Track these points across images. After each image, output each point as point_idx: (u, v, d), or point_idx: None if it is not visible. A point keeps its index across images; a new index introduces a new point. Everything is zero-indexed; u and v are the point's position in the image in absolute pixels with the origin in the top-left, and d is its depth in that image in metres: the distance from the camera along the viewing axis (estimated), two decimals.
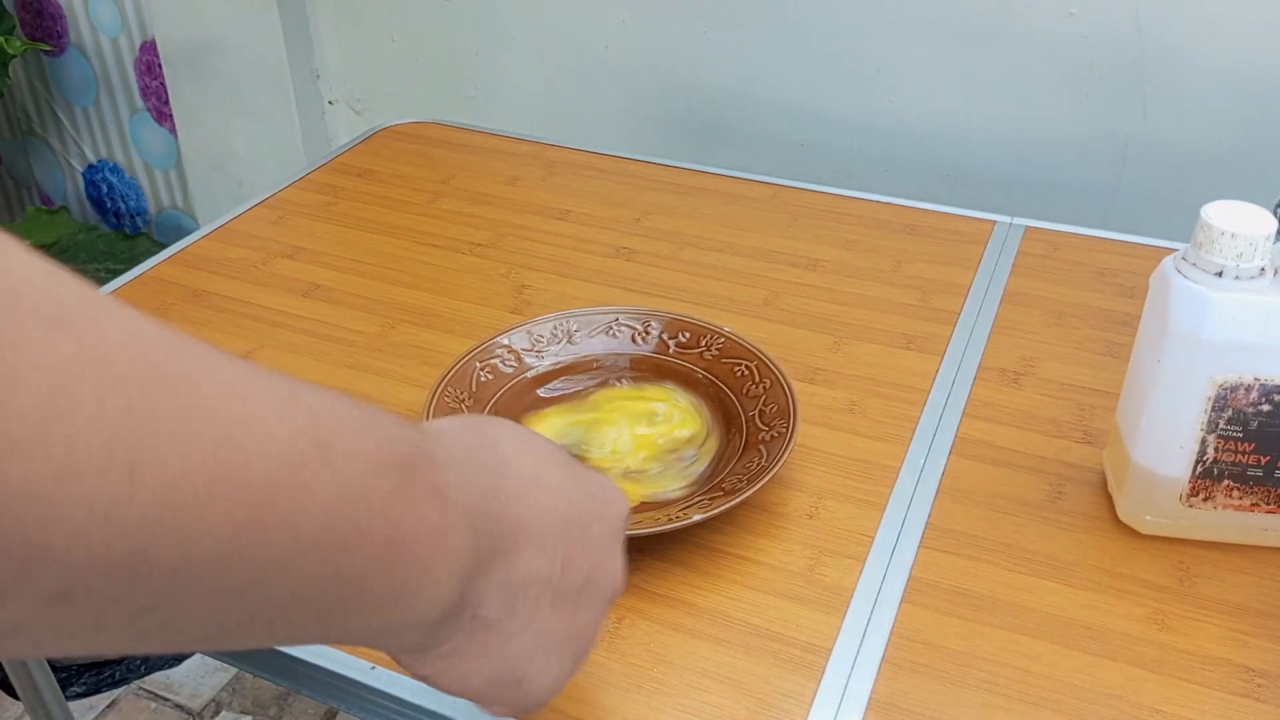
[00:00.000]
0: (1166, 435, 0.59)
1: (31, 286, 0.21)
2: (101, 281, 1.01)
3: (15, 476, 0.20)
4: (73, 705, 1.45)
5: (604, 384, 0.72)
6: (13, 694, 1.36)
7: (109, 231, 1.78)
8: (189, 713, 1.47)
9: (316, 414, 0.29)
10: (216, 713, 1.46)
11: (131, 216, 1.85)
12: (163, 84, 1.61)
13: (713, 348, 0.73)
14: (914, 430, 0.71)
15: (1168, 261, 0.58)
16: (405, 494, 0.31)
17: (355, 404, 0.31)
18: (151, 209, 1.83)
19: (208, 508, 0.24)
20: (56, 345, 0.21)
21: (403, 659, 0.39)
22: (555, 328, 0.74)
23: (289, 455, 0.27)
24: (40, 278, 0.22)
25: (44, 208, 1.86)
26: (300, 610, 0.29)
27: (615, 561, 0.43)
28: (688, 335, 0.74)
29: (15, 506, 0.20)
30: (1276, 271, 0.56)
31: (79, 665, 1.49)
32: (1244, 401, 0.57)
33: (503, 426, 0.41)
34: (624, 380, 0.72)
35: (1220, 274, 0.55)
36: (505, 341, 0.73)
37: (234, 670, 1.51)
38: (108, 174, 1.84)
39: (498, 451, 0.39)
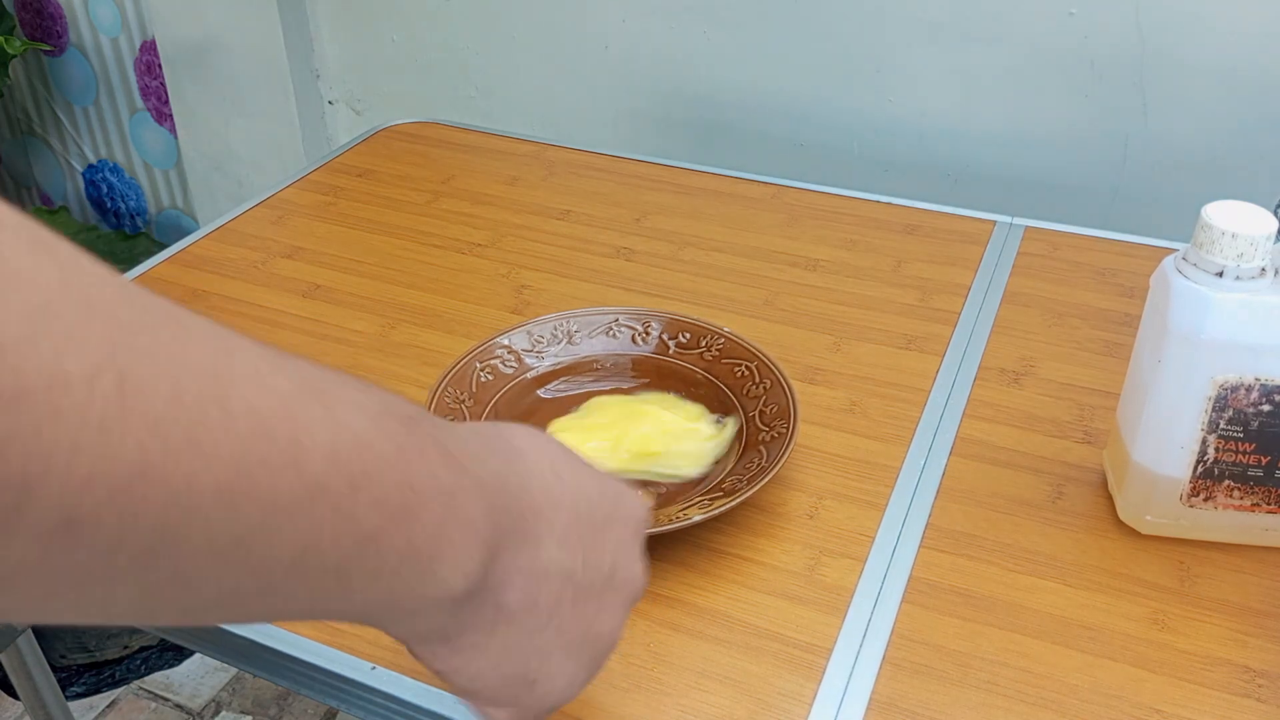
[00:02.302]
0: (1167, 435, 0.59)
1: (18, 219, 0.22)
2: None
3: (8, 381, 0.20)
4: (73, 705, 1.45)
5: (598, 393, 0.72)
6: (13, 694, 1.36)
7: (109, 231, 1.78)
8: (189, 713, 1.47)
9: (305, 370, 0.29)
10: (216, 713, 1.46)
11: (131, 216, 1.85)
12: (163, 84, 1.61)
13: (713, 348, 0.73)
14: (914, 430, 0.71)
15: (1168, 261, 0.58)
16: (411, 446, 0.31)
17: (347, 375, 0.31)
18: (151, 209, 1.83)
19: (203, 435, 0.24)
20: (42, 267, 0.22)
21: (421, 650, 0.38)
22: (555, 328, 0.74)
23: (284, 394, 0.27)
24: (25, 218, 0.23)
25: (44, 208, 1.86)
26: (317, 567, 0.28)
27: (636, 563, 0.42)
28: (688, 335, 0.74)
29: (9, 413, 0.20)
30: (1277, 271, 0.56)
31: (79, 665, 1.49)
32: (1244, 401, 0.57)
33: (517, 426, 0.40)
34: (620, 383, 0.72)
35: (1220, 274, 0.55)
36: (505, 342, 0.73)
37: (234, 670, 1.52)
38: (108, 174, 1.84)
39: (513, 443, 0.38)
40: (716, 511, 0.59)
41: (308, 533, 0.27)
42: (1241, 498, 0.60)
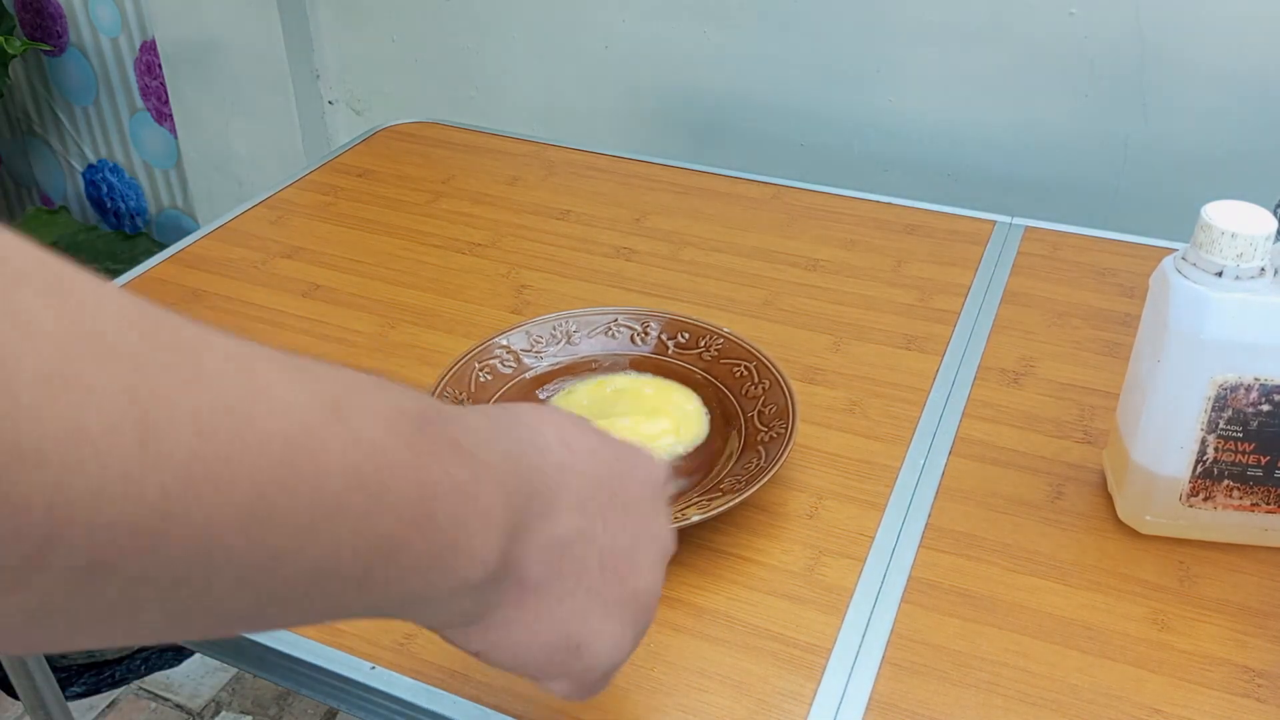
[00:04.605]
0: (1166, 435, 0.59)
1: (28, 260, 0.22)
2: None
3: (28, 442, 0.20)
4: (73, 705, 1.45)
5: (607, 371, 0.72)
6: (13, 694, 1.36)
7: (109, 231, 1.78)
8: (189, 713, 1.47)
9: (321, 378, 0.29)
10: (216, 713, 1.46)
11: (131, 216, 1.85)
12: (163, 84, 1.61)
13: (712, 348, 0.73)
14: (914, 430, 0.71)
15: (1168, 261, 0.58)
16: (426, 448, 0.31)
17: (359, 372, 0.31)
18: (151, 209, 1.83)
19: (224, 469, 0.24)
20: (56, 314, 0.21)
21: (454, 635, 0.38)
22: (554, 328, 0.74)
23: (300, 415, 0.27)
24: (35, 254, 0.22)
25: (44, 208, 1.86)
26: (339, 577, 0.29)
27: (660, 521, 0.43)
28: (687, 336, 0.74)
29: (31, 470, 0.20)
30: (1276, 271, 0.56)
31: (79, 665, 1.49)
32: (1244, 401, 0.57)
33: (524, 404, 0.41)
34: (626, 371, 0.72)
35: (1220, 274, 0.55)
36: (504, 342, 0.72)
37: (234, 670, 1.52)
38: (108, 174, 1.84)
39: (520, 419, 0.38)
40: (716, 512, 0.59)
41: (329, 548, 0.28)
42: (1241, 498, 0.60)
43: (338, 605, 0.30)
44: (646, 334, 0.75)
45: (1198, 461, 0.59)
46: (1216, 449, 0.59)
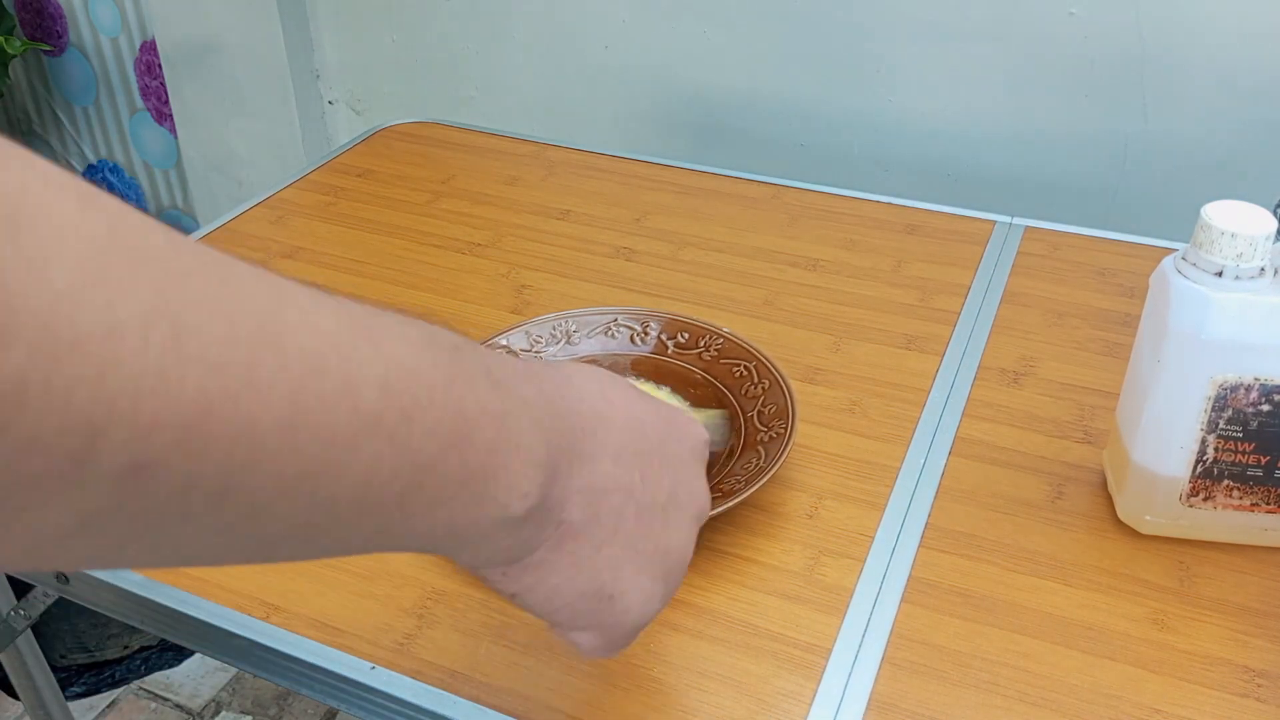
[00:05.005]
0: (1166, 435, 0.59)
1: (64, 176, 0.23)
2: None
3: (66, 333, 0.21)
4: (73, 705, 1.45)
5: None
6: (13, 694, 1.36)
7: None
8: (189, 713, 1.47)
9: (352, 308, 0.30)
10: (216, 713, 1.46)
11: None
12: (163, 84, 1.61)
13: (712, 348, 0.73)
14: (914, 430, 0.71)
15: (1168, 261, 0.58)
16: (460, 374, 0.32)
17: (390, 309, 0.32)
18: (151, 209, 1.83)
19: (260, 375, 0.25)
20: (90, 219, 0.22)
21: (493, 576, 0.38)
22: (554, 328, 0.74)
23: (333, 332, 0.28)
24: (70, 175, 0.23)
25: None
26: (379, 499, 0.29)
27: (698, 481, 0.43)
28: (686, 336, 0.74)
29: (72, 361, 0.21)
30: (1276, 271, 0.56)
31: (79, 665, 1.49)
32: (1244, 401, 0.57)
33: (566, 362, 0.41)
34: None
35: (1220, 274, 0.55)
36: (504, 342, 0.72)
37: (234, 670, 1.52)
38: (108, 174, 1.84)
39: (559, 369, 0.39)
40: (716, 512, 0.59)
41: (367, 464, 0.28)
42: (1241, 498, 0.60)
43: (381, 530, 0.31)
44: (646, 334, 0.75)
45: (1198, 461, 0.59)
46: (1216, 449, 0.59)
